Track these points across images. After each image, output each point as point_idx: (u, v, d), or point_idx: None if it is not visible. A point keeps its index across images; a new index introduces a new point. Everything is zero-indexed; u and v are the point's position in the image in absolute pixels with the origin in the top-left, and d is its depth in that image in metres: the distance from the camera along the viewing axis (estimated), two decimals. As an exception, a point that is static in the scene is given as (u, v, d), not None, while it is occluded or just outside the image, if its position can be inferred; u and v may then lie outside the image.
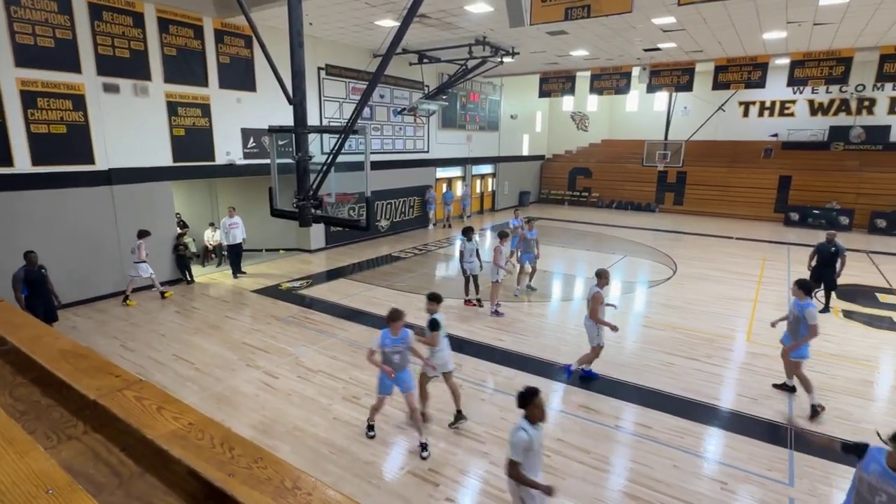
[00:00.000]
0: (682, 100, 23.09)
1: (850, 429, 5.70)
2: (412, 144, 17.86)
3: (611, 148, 26.90)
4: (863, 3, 9.94)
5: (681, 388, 6.65)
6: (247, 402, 6.23)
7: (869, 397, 6.51)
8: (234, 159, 12.04)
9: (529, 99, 23.32)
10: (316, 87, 13.90)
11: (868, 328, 8.93)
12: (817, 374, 7.06)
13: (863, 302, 10.38)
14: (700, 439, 5.55)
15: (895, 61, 13.05)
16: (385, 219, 17.17)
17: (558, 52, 15.23)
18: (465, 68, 15.15)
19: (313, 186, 5.58)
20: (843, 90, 21.07)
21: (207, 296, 10.65)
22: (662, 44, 13.88)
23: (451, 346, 7.76)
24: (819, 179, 20.56)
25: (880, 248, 15.84)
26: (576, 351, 7.81)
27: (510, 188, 24.74)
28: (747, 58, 14.78)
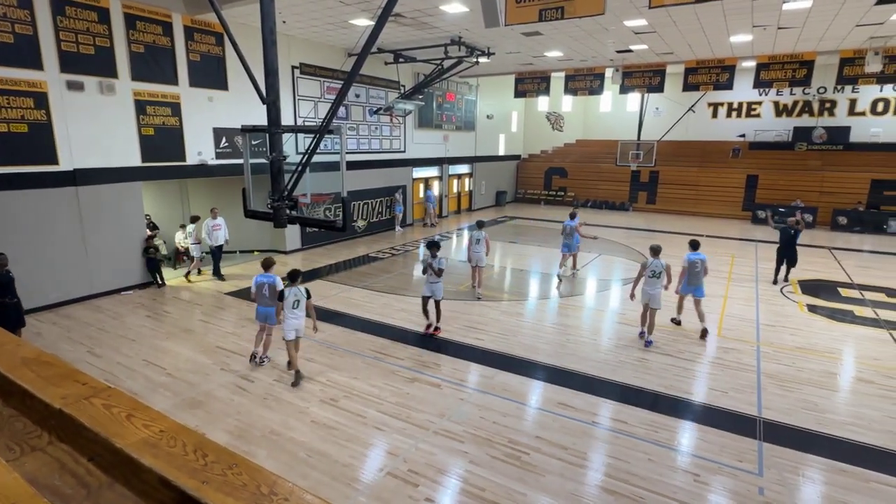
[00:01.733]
0: (654, 101, 23.59)
1: (815, 419, 5.91)
2: (388, 144, 17.78)
3: (585, 148, 27.29)
4: (823, 8, 10.32)
5: (655, 384, 6.79)
6: (222, 407, 6.11)
7: (833, 388, 6.76)
8: (205, 159, 11.78)
9: (505, 99, 23.49)
10: (290, 86, 13.71)
11: (831, 321, 9.28)
12: (784, 366, 7.31)
13: (826, 297, 10.78)
14: (674, 433, 5.68)
15: (854, 65, 13.61)
16: (362, 219, 17.06)
17: (533, 52, 15.38)
18: (440, 68, 15.17)
19: (288, 187, 5.50)
20: (806, 92, 21.86)
21: (180, 299, 10.40)
22: (634, 46, 14.16)
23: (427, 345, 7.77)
24: (784, 178, 21.27)
25: (842, 245, 16.47)
26: (555, 350, 7.90)
27: (487, 188, 24.87)
28: (715, 60, 15.19)
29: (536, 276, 12.58)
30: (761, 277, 12.19)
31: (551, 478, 4.85)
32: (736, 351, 7.87)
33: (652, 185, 24.04)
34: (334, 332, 8.57)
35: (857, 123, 21.39)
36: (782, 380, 6.91)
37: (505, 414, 5.98)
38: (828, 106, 21.92)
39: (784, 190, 20.90)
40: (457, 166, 22.43)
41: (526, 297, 10.85)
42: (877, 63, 13.02)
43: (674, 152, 24.07)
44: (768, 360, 7.55)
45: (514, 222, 20.70)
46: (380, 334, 8.44)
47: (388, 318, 9.22)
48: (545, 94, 18.18)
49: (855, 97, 21.35)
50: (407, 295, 10.62)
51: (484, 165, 24.25)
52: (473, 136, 22.94)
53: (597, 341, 8.37)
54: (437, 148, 20.47)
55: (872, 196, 19.58)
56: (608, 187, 24.77)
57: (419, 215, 20.24)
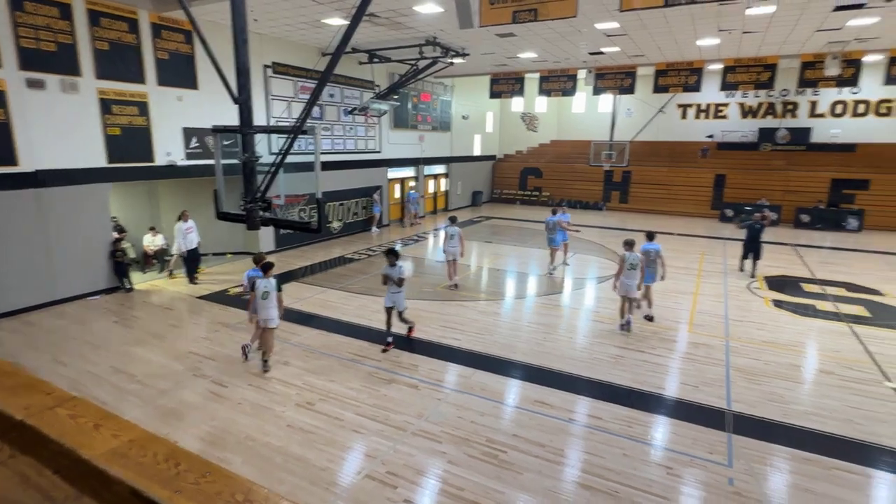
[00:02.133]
0: (626, 102, 24.12)
1: (780, 410, 6.12)
2: (364, 144, 17.67)
3: (559, 148, 27.64)
4: (785, 14, 10.70)
5: (629, 380, 6.92)
6: (194, 413, 5.97)
7: (797, 380, 7.01)
8: (175, 160, 11.50)
9: (480, 100, 23.62)
10: (262, 86, 13.50)
11: (795, 316, 9.62)
12: (751, 360, 7.55)
13: (790, 292, 11.17)
14: (648, 427, 5.80)
15: (814, 68, 14.16)
16: (337, 220, 16.91)
17: (507, 53, 15.50)
18: (415, 68, 15.16)
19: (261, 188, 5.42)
20: (770, 94, 22.64)
21: (149, 304, 10.13)
22: (606, 48, 14.40)
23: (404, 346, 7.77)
24: (750, 178, 21.96)
25: (805, 242, 17.09)
26: (532, 348, 7.98)
27: (463, 188, 24.95)
28: (684, 63, 15.59)
29: (513, 275, 12.68)
30: (730, 273, 12.56)
31: (529, 475, 4.90)
32: (706, 346, 8.09)
33: (625, 185, 24.50)
34: (310, 334, 8.47)
35: (817, 125, 22.24)
36: (750, 373, 7.13)
37: (482, 413, 6.02)
38: (790, 108, 22.73)
39: (750, 189, 21.56)
40: (433, 167, 22.44)
41: (503, 296, 10.93)
42: (835, 67, 13.57)
43: (645, 152, 24.59)
44: (737, 354, 7.79)
45: (490, 222, 20.82)
46: (356, 336, 8.38)
47: (365, 319, 9.16)
48: (520, 95, 18.35)
49: (815, 99, 22.19)
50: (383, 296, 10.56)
51: (460, 166, 24.33)
52: (449, 136, 22.99)
53: (573, 339, 8.48)
54: (413, 148, 20.44)
55: (832, 195, 20.39)
56: (582, 187, 25.14)
57: (396, 216, 20.18)
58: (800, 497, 4.64)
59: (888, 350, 7.98)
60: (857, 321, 9.32)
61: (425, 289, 11.23)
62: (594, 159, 21.87)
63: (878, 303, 10.46)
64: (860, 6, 10.03)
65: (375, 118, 17.10)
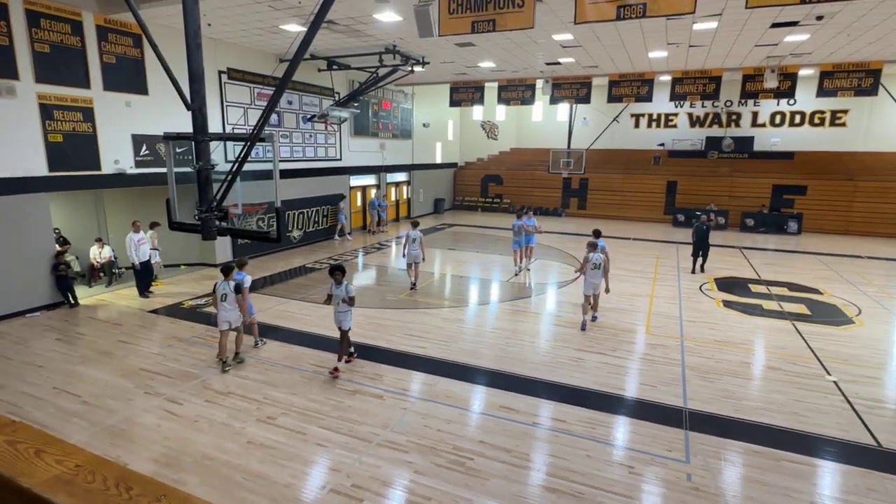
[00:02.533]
0: (582, 111, 24.80)
1: (732, 406, 6.39)
2: (324, 152, 17.44)
3: (519, 156, 28.12)
4: (727, 29, 11.30)
5: (591, 382, 7.07)
6: (147, 433, 5.69)
7: (747, 377, 7.34)
8: (124, 168, 11.00)
9: (441, 108, 23.78)
10: (217, 92, 13.13)
11: (744, 315, 10.10)
12: (704, 359, 7.86)
13: (739, 293, 11.72)
14: (609, 428, 5.93)
15: (755, 81, 15.03)
16: (297, 229, 16.58)
17: (467, 63, 15.69)
18: (376, 76, 15.12)
19: (217, 197, 5.25)
20: (715, 105, 23.83)
21: (96, 319, 9.60)
22: (562, 58, 14.81)
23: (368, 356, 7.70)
24: (699, 184, 23.01)
25: (750, 244, 18.00)
26: (496, 353, 8.03)
27: (425, 195, 24.98)
28: (636, 74, 16.22)
29: (476, 281, 12.76)
30: (683, 275, 13.07)
31: (495, 481, 4.91)
32: (663, 347, 8.37)
33: (582, 192, 25.17)
34: (270, 346, 8.24)
35: (759, 134, 23.57)
36: (704, 371, 7.42)
37: (448, 421, 6.00)
38: (734, 118, 24.00)
39: (700, 195, 22.58)
40: (394, 174, 22.38)
41: (467, 303, 10.98)
42: (773, 80, 14.46)
43: (601, 160, 25.34)
44: (691, 353, 8.09)
45: (452, 229, 20.91)
46: (319, 347, 8.21)
47: (328, 329, 8.98)
48: (480, 104, 18.59)
49: (757, 110, 23.53)
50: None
51: (422, 173, 24.37)
52: (410, 144, 23.00)
53: (535, 343, 8.60)
54: (374, 156, 20.34)
55: (774, 200, 21.63)
56: (542, 194, 25.64)
57: (358, 223, 19.98)
58: (752, 488, 4.84)
59: (827, 346, 8.49)
60: (800, 319, 9.87)
61: (389, 297, 11.15)
62: (553, 167, 22.37)
63: (818, 301, 11.12)
64: (794, 24, 10.72)
65: (335, 126, 16.92)
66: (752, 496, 4.73)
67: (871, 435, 5.80)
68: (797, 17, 10.30)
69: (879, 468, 5.17)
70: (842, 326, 9.52)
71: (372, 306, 10.48)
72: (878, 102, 20.35)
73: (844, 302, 11.03)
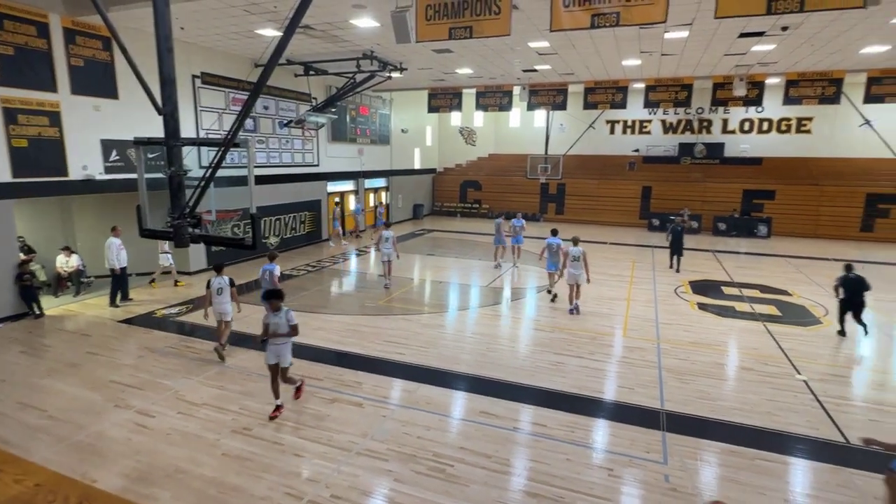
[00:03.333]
0: (559, 117, 25.15)
1: (708, 407, 6.51)
2: (301, 158, 17.26)
3: (497, 161, 28.33)
4: (698, 38, 11.62)
5: (570, 385, 7.12)
6: (117, 448, 5.50)
7: (722, 377, 7.50)
8: (93, 174, 10.69)
9: (419, 113, 23.80)
10: (191, 97, 12.89)
11: (717, 317, 10.32)
12: (680, 360, 8.00)
13: (712, 295, 11.98)
14: (589, 431, 5.98)
15: (724, 89, 15.46)
16: (274, 235, 16.34)
17: (445, 69, 15.76)
18: (353, 81, 15.06)
19: (190, 203, 5.13)
20: (688, 112, 24.44)
21: (63, 330, 9.28)
22: (539, 66, 15.00)
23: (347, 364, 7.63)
24: (673, 189, 23.51)
25: (723, 248, 18.46)
26: (476, 359, 8.03)
27: (404, 201, 24.93)
28: (611, 81, 16.53)
29: (455, 287, 12.76)
30: (659, 277, 13.30)
31: (476, 487, 4.89)
32: (640, 349, 8.49)
33: (560, 197, 25.46)
34: (247, 356, 8.08)
35: (729, 140, 24.24)
36: (680, 373, 7.55)
37: (428, 427, 5.96)
38: (705, 124, 24.64)
39: (674, 200, 23.05)
40: (373, 180, 22.29)
41: (446, 308, 10.96)
42: (742, 88, 14.91)
43: (578, 166, 25.69)
44: (667, 356, 8.22)
45: (431, 235, 20.90)
46: (295, 355, 8.03)
47: (305, 337, 8.85)
48: (458, 110, 18.67)
49: (727, 117, 24.20)
50: (324, 313, 10.31)
51: (400, 179, 24.33)
52: (389, 149, 22.95)
53: (515, 348, 8.63)
54: (353, 161, 20.23)
55: (745, 204, 22.24)
56: (520, 199, 25.79)
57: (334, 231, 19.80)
58: (728, 488, 4.93)
59: (797, 345, 8.73)
60: (770, 320, 10.14)
61: (367, 303, 11.06)
62: (531, 172, 22.59)
63: (787, 302, 11.44)
64: (761, 34, 11.08)
65: (312, 131, 16.77)
66: (728, 495, 4.81)
67: (839, 432, 5.97)
68: (764, 28, 10.64)
69: (849, 464, 5.32)
70: (810, 327, 9.81)
71: (350, 313, 10.37)
72: (840, 110, 21.15)
73: (812, 303, 11.37)
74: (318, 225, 18.27)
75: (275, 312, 6.12)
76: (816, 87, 14.60)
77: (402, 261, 14.97)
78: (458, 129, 29.06)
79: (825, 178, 21.75)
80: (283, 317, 6.13)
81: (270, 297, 6.15)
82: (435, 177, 28.12)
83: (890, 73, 14.02)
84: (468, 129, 29.05)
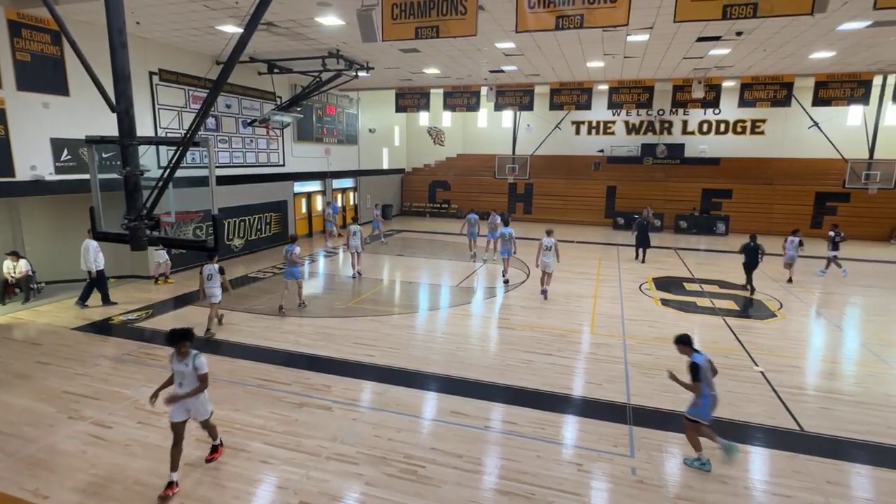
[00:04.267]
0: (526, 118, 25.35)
1: (671, 399, 6.68)
2: (266, 158, 16.88)
3: (466, 162, 28.43)
4: (658, 42, 11.94)
5: (539, 383, 7.19)
6: (70, 461, 5.23)
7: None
8: (42, 175, 10.16)
9: (387, 113, 23.63)
10: (148, 94, 12.42)
11: (679, 312, 10.64)
12: (645, 356, 8.20)
13: (675, 291, 12.35)
14: (558, 428, 6.05)
15: (684, 91, 15.96)
16: (238, 238, 15.92)
17: (412, 68, 15.70)
18: (319, 80, 14.81)
19: (147, 204, 4.93)
20: (649, 114, 25.12)
21: (10, 339, 8.78)
22: (505, 66, 15.12)
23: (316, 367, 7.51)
24: (637, 189, 24.12)
25: (684, 245, 19.05)
26: (446, 359, 8.02)
27: (372, 202, 24.71)
28: (576, 82, 16.81)
29: (426, 287, 12.72)
30: (624, 275, 13.61)
31: (448, 488, 4.88)
32: (606, 346, 8.66)
33: (528, 196, 25.77)
34: (211, 361, 7.73)
35: (689, 141, 25.04)
36: (645, 368, 7.74)
37: (399, 429, 5.92)
38: (667, 126, 25.38)
39: (637, 199, 23.65)
40: (340, 180, 22.01)
41: (416, 309, 10.92)
42: (700, 90, 15.42)
43: (545, 166, 26.03)
44: (633, 351, 8.42)
45: (400, 235, 20.79)
46: (263, 360, 7.89)
47: (272, 341, 8.67)
48: (425, 110, 18.63)
49: (686, 119, 24.99)
50: (291, 316, 10.11)
51: (368, 179, 24.11)
52: (356, 149, 22.71)
53: (485, 347, 8.67)
54: (319, 161, 19.92)
55: (704, 202, 23.03)
56: (489, 199, 25.92)
57: (302, 231, 19.45)
58: (691, 477, 5.08)
59: (754, 338, 9.08)
60: (729, 314, 10.52)
61: (336, 305, 10.91)
62: (499, 172, 22.73)
63: (745, 297, 11.90)
64: (717, 38, 11.48)
65: (277, 130, 16.42)
66: (691, 485, 4.96)
67: (794, 420, 6.24)
68: (720, 33, 11.03)
69: (803, 451, 5.57)
70: (766, 320, 10.23)
71: (319, 315, 10.21)
72: (791, 113, 22.13)
73: (768, 297, 11.86)
74: (284, 226, 17.90)
75: (181, 358, 4.82)
76: (769, 91, 15.23)
77: (371, 262, 14.89)
78: (426, 128, 29.02)
79: (778, 178, 22.74)
80: (190, 364, 4.79)
81: (176, 339, 4.76)
82: (403, 177, 27.99)
83: (835, 78, 14.77)
84: (436, 129, 29.04)
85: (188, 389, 4.82)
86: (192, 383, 4.84)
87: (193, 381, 4.84)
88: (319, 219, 20.40)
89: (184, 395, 4.81)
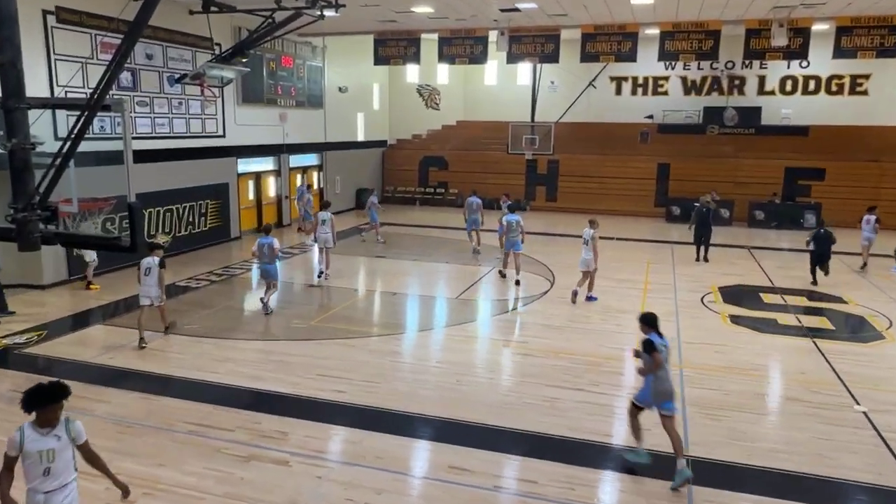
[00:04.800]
0: (549, 73, 25.45)
1: (744, 450, 6.70)
2: (200, 126, 16.91)
3: (468, 131, 28.50)
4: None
5: (567, 427, 7.20)
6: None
7: (761, 411, 7.75)
8: None
9: (364, 67, 23.63)
10: (42, 41, 12.44)
11: (755, 332, 10.68)
12: (710, 391, 8.23)
13: (748, 304, 12.41)
14: (593, 488, 6.06)
15: (760, 36, 15.99)
16: (164, 233, 15.92)
17: (396, 6, 15.72)
18: (272, 22, 14.79)
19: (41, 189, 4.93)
20: (714, 67, 25.16)
21: None
22: (521, 3, 15.13)
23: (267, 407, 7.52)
24: (697, 167, 24.15)
25: (760, 243, 19.13)
26: (439, 395, 8.02)
27: (343, 185, 24.71)
28: (615, 25, 16.85)
29: (415, 300, 12.74)
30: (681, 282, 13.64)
31: (445, 569, 4.88)
32: (657, 377, 8.67)
33: (552, 178, 25.81)
34: (125, 400, 7.83)
35: (767, 104, 25.13)
36: (709, 407, 7.75)
37: (380, 490, 5.92)
38: (737, 83, 25.47)
39: (698, 181, 23.56)
40: (300, 156, 22.05)
41: (402, 328, 10.93)
42: (782, 36, 15.46)
43: (574, 136, 26.05)
44: (692, 385, 8.43)
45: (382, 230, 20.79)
46: (197, 398, 7.88)
47: (209, 372, 8.67)
48: (415, 62, 18.71)
49: (764, 74, 25.09)
50: (235, 338, 10.11)
51: (338, 154, 24.14)
52: (322, 114, 22.75)
53: (494, 379, 8.69)
54: (272, 131, 19.93)
55: (787, 186, 23.07)
56: (499, 181, 25.60)
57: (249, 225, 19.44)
58: (771, 555, 5.09)
59: (854, 367, 9.11)
60: (820, 335, 10.55)
61: (295, 323, 10.92)
62: (513, 146, 22.77)
63: (842, 312, 11.95)
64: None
65: (215, 89, 16.41)
66: (770, 564, 4.97)
67: (907, 477, 6.26)
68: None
69: (919, 518, 5.59)
70: (870, 343, 10.27)
71: (270, 338, 10.21)
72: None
73: (872, 312, 11.90)
74: (224, 217, 17.90)
75: (44, 429, 3.93)
76: (874, 36, 15.27)
77: (342, 266, 14.89)
78: (415, 87, 29.04)
79: (886, 152, 22.79)
80: (63, 434, 4.02)
81: (37, 402, 3.90)
82: (385, 152, 28.06)
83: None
84: (429, 87, 29.08)
85: (62, 475, 4.01)
86: (68, 464, 4.07)
87: (69, 460, 4.08)
88: (271, 208, 20.39)
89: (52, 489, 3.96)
